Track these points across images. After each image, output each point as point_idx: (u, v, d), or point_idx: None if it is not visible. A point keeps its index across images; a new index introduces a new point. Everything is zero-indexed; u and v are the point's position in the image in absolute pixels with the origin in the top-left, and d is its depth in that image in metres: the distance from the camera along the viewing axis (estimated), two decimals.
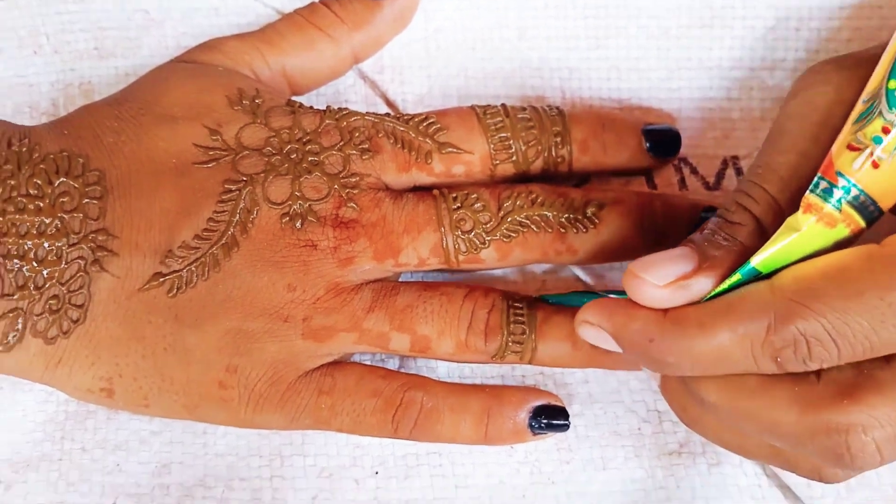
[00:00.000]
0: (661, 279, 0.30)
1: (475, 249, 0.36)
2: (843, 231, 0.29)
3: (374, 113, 0.37)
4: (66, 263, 0.33)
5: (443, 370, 0.38)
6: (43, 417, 0.37)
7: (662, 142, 0.38)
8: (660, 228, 0.37)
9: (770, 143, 0.32)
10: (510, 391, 0.37)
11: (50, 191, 0.34)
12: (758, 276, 0.29)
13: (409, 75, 0.41)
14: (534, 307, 0.36)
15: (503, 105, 0.38)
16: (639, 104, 0.40)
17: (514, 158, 0.37)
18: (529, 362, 0.36)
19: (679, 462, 0.37)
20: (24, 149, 0.34)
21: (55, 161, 0.34)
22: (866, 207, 0.29)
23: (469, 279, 0.39)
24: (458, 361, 0.37)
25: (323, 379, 0.35)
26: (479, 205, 0.36)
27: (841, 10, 0.40)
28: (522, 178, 0.38)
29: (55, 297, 0.33)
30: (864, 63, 0.31)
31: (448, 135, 0.36)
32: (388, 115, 0.37)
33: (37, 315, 0.33)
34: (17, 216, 0.33)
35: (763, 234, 0.30)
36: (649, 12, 0.40)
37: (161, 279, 0.34)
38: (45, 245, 0.33)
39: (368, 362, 0.38)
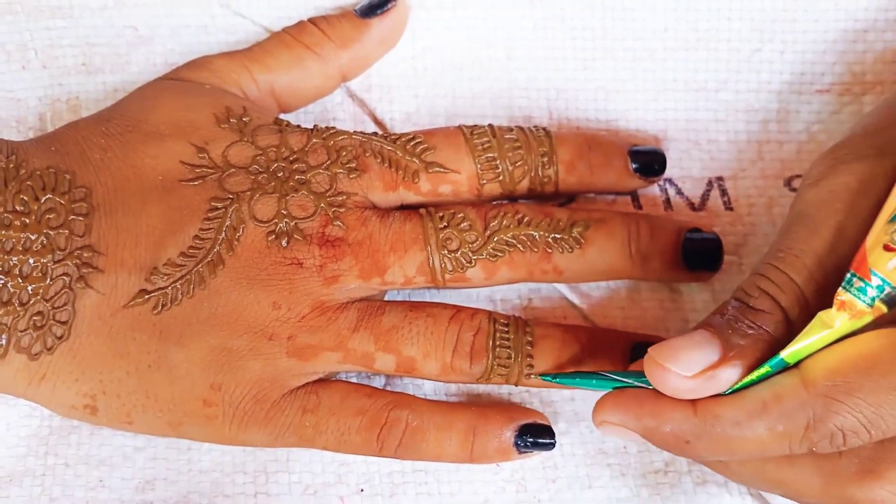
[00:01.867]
0: (688, 370, 0.30)
1: (461, 268, 0.36)
2: (867, 319, 0.29)
3: (361, 132, 0.37)
4: (50, 280, 0.33)
5: (429, 387, 0.38)
6: (26, 432, 0.37)
7: (648, 163, 0.39)
8: (645, 249, 0.37)
9: (792, 228, 0.31)
10: (496, 410, 0.37)
11: (36, 207, 0.33)
12: (785, 367, 0.30)
13: (397, 94, 0.41)
14: (520, 330, 0.36)
15: (490, 125, 0.38)
16: (625, 125, 0.41)
17: (500, 178, 0.37)
18: (515, 384, 0.36)
19: (665, 481, 0.37)
20: (11, 165, 0.34)
21: (42, 177, 0.34)
22: (891, 297, 0.29)
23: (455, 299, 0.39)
24: (443, 381, 0.37)
25: (307, 397, 0.35)
26: (465, 224, 0.36)
27: (826, 33, 0.40)
28: (509, 198, 0.38)
29: (39, 313, 0.33)
30: (885, 150, 0.31)
31: (435, 154, 0.37)
32: (375, 134, 0.37)
33: (21, 331, 0.33)
34: (3, 232, 0.33)
35: (788, 322, 0.30)
36: (636, 34, 0.40)
37: (146, 296, 0.34)
38: (31, 261, 0.33)
39: (354, 379, 0.37)
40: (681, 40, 0.40)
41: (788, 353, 0.29)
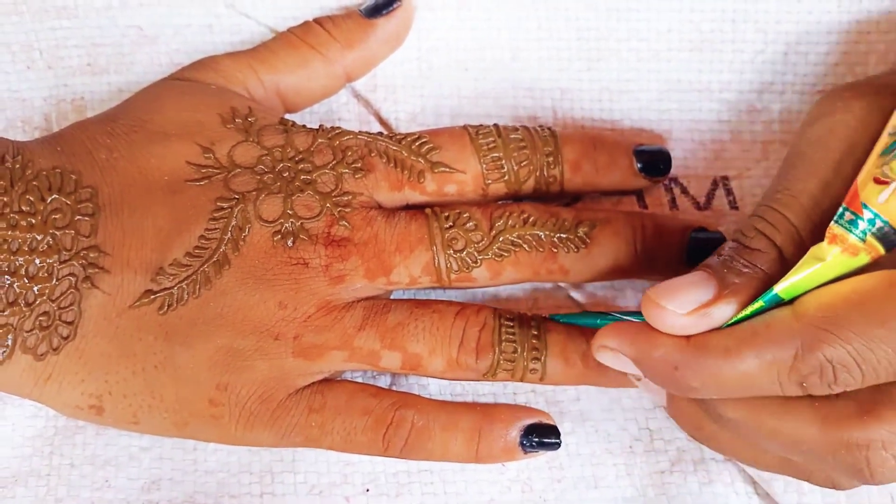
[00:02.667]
0: (683, 307, 0.30)
1: (467, 268, 0.36)
2: (864, 259, 0.29)
3: (366, 132, 0.37)
4: (56, 280, 0.33)
5: (434, 387, 0.38)
6: (32, 432, 0.37)
7: (653, 162, 0.39)
8: (650, 248, 0.37)
9: (789, 169, 0.32)
10: (501, 409, 0.37)
11: (42, 207, 0.33)
12: (779, 302, 0.30)
13: (402, 94, 0.41)
14: (525, 325, 0.36)
15: (495, 125, 0.38)
16: (630, 125, 0.41)
17: (506, 178, 0.37)
18: (521, 380, 0.36)
19: (671, 480, 0.37)
20: (18, 165, 0.34)
21: (48, 178, 0.34)
22: (889, 237, 0.29)
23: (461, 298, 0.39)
24: (449, 379, 0.37)
25: (313, 397, 0.35)
26: (471, 224, 0.36)
27: (829, 34, 0.40)
28: (514, 198, 0.38)
29: (45, 313, 0.33)
30: (883, 91, 0.31)
31: (441, 154, 0.37)
32: (380, 134, 0.37)
33: (27, 331, 0.33)
34: (9, 232, 0.33)
35: (783, 260, 0.30)
36: (640, 35, 0.40)
37: (152, 297, 0.34)
38: (37, 262, 0.33)
39: (360, 380, 0.38)
40: (685, 41, 0.40)
41: (782, 288, 0.29)
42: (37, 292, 0.33)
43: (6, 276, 0.33)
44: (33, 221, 0.33)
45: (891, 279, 0.28)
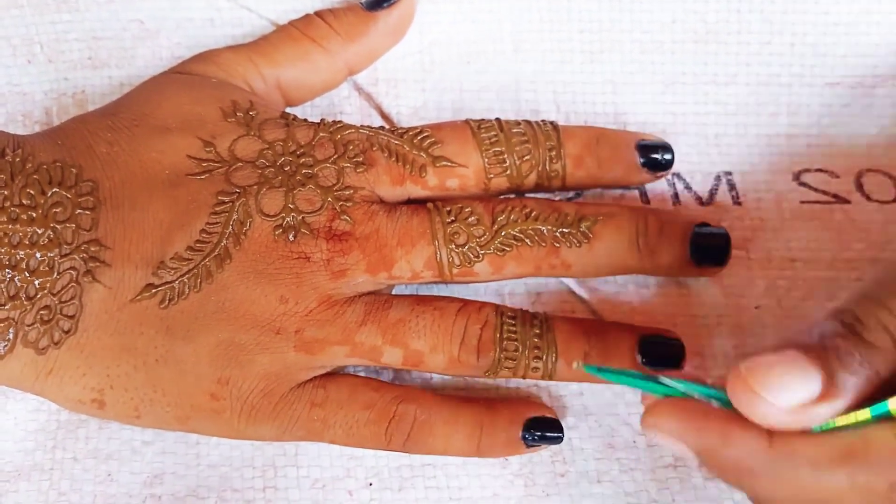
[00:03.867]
0: (785, 401, 0.26)
1: (469, 263, 0.36)
2: None
3: (368, 126, 0.37)
4: (57, 274, 0.33)
5: (437, 381, 0.38)
6: (34, 426, 0.37)
7: (656, 157, 0.38)
8: (653, 244, 0.37)
9: None
10: (503, 404, 0.37)
11: (43, 201, 0.33)
12: (886, 416, 0.26)
13: (404, 88, 0.41)
14: (527, 323, 0.36)
15: (497, 119, 0.38)
16: (633, 118, 0.40)
17: (508, 172, 0.37)
18: (523, 377, 0.36)
19: (674, 475, 0.37)
20: (18, 159, 0.34)
21: (48, 171, 0.34)
22: None
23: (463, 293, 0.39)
24: (450, 375, 0.37)
25: (315, 391, 0.35)
26: (473, 218, 0.36)
27: (836, 25, 0.40)
28: (516, 193, 0.38)
29: (47, 307, 0.33)
30: None
31: (442, 148, 0.36)
32: (382, 128, 0.37)
33: (28, 325, 0.33)
34: (10, 226, 0.33)
35: None
36: (643, 27, 0.40)
37: (153, 290, 0.34)
38: (38, 255, 0.33)
39: (362, 373, 0.38)
40: (689, 32, 0.40)
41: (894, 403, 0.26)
42: (38, 286, 0.33)
43: (7, 270, 0.33)
44: (34, 215, 0.33)
45: None
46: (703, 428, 0.28)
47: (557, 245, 0.36)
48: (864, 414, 0.26)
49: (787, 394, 0.26)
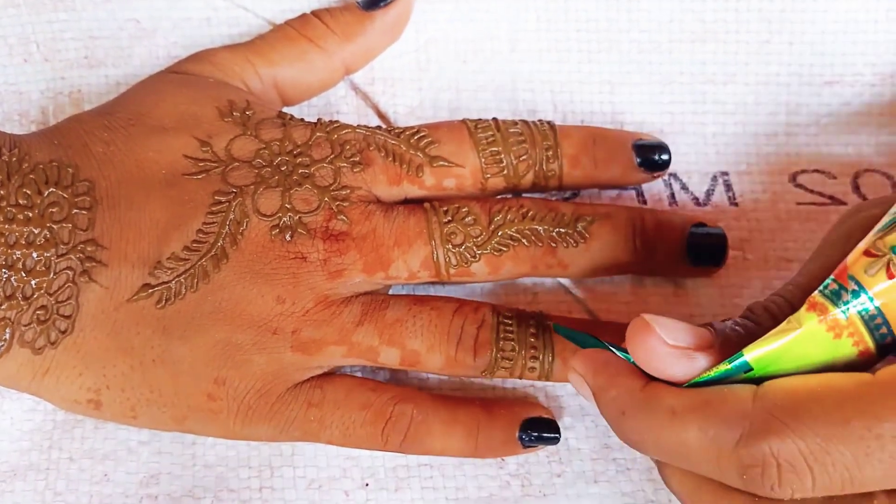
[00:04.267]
0: (672, 339, 0.28)
1: (466, 263, 0.36)
2: (847, 347, 0.27)
3: (365, 126, 0.37)
4: (54, 274, 0.33)
5: (434, 381, 0.38)
6: (30, 426, 0.37)
7: (653, 157, 0.38)
8: (649, 244, 0.37)
9: (805, 266, 0.30)
10: (500, 404, 0.37)
11: (39, 201, 0.33)
12: (748, 372, 0.27)
13: (401, 87, 0.41)
14: (524, 323, 0.36)
15: (494, 119, 0.38)
16: (630, 118, 0.40)
17: (504, 172, 0.37)
18: (520, 377, 0.36)
19: None
20: (14, 158, 0.34)
21: (45, 171, 0.34)
22: (876, 324, 0.27)
23: (460, 293, 0.39)
24: (447, 375, 0.37)
25: (312, 391, 0.35)
26: (469, 218, 0.36)
27: (835, 23, 0.40)
28: (513, 192, 0.38)
29: (43, 307, 0.33)
30: None
31: (439, 148, 0.36)
32: (379, 128, 0.37)
33: (24, 325, 0.33)
34: (6, 226, 0.33)
35: None
36: (641, 26, 0.40)
37: (150, 290, 0.34)
38: (34, 255, 0.33)
39: (359, 374, 0.37)
40: (687, 32, 0.40)
41: (752, 355, 0.27)
42: (34, 286, 0.33)
43: (3, 270, 0.33)
44: (30, 215, 0.33)
45: (861, 377, 0.26)
46: (599, 370, 0.30)
47: (554, 245, 0.36)
48: (724, 365, 0.27)
49: (676, 333, 0.28)
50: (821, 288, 0.27)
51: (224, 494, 0.37)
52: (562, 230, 0.36)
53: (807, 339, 0.27)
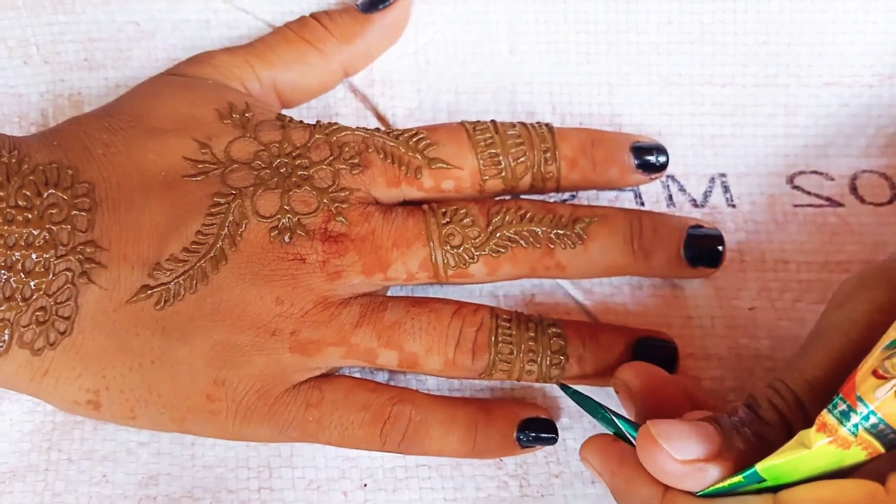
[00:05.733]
0: (681, 454, 0.29)
1: (464, 264, 0.36)
2: (858, 454, 0.28)
3: (363, 128, 0.37)
4: (53, 275, 0.33)
5: (432, 382, 0.38)
6: (30, 427, 0.37)
7: (651, 159, 0.38)
8: (647, 245, 0.37)
9: (809, 349, 0.31)
10: (498, 405, 0.37)
11: (38, 202, 0.33)
12: (761, 482, 0.28)
13: (400, 89, 0.41)
14: (522, 326, 0.36)
15: (493, 121, 0.38)
16: (629, 120, 0.40)
17: (503, 174, 0.37)
18: (518, 380, 0.36)
19: None
20: (14, 160, 0.34)
21: (44, 172, 0.34)
22: (886, 436, 0.27)
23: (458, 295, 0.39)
24: (445, 377, 0.37)
25: (311, 392, 0.35)
26: (468, 220, 0.36)
27: (833, 24, 0.40)
28: (511, 194, 0.38)
29: (42, 308, 0.33)
30: None
31: (438, 150, 0.36)
32: (378, 129, 0.37)
33: (23, 326, 0.33)
34: (5, 227, 0.33)
35: (790, 435, 0.29)
36: (639, 28, 0.40)
37: (149, 291, 0.34)
38: (33, 256, 0.33)
39: (358, 374, 0.38)
40: (685, 34, 0.40)
41: (763, 467, 0.28)
42: (33, 287, 0.33)
43: (3, 271, 0.33)
44: (30, 216, 0.33)
45: (872, 494, 0.27)
46: (617, 471, 0.31)
47: (552, 246, 0.36)
48: (737, 478, 0.28)
49: (684, 448, 0.29)
50: (829, 408, 0.27)
51: (223, 495, 0.37)
52: (560, 232, 0.36)
53: (816, 456, 0.27)
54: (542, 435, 0.36)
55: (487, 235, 0.36)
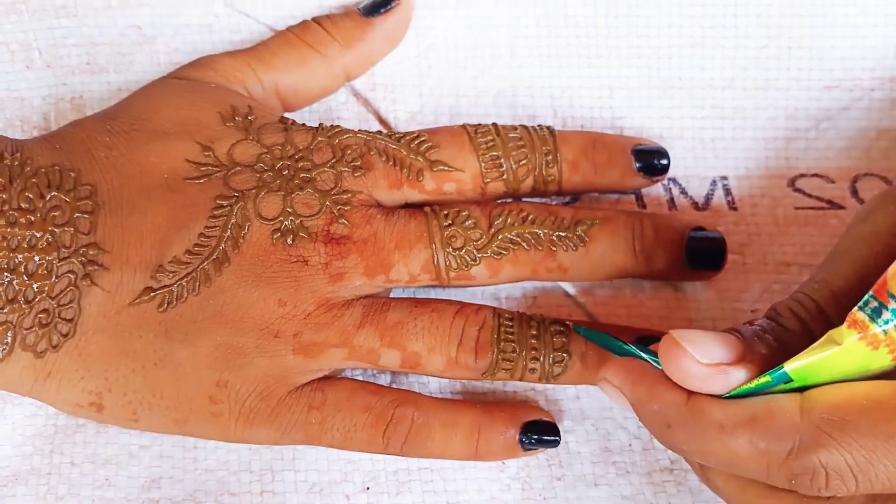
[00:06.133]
0: (705, 356, 0.29)
1: (466, 266, 0.36)
2: (883, 356, 0.27)
3: (365, 131, 0.37)
4: (56, 277, 0.33)
5: (434, 385, 0.38)
6: (32, 431, 0.37)
7: (652, 162, 0.38)
8: (648, 247, 0.37)
9: (832, 261, 0.31)
10: (500, 407, 0.37)
11: (41, 205, 0.34)
12: (788, 383, 0.28)
13: (401, 93, 0.41)
14: (524, 325, 0.36)
15: (494, 124, 0.38)
16: (630, 123, 0.41)
17: (504, 177, 0.37)
18: (520, 379, 0.36)
19: (670, 479, 0.37)
20: (16, 163, 0.34)
21: (47, 175, 0.34)
22: None
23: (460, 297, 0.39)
24: (448, 378, 0.37)
25: (313, 394, 0.35)
26: (469, 222, 0.36)
27: (833, 28, 0.40)
28: (513, 197, 0.38)
29: (45, 310, 0.33)
30: None
31: (439, 153, 0.37)
32: (379, 132, 0.37)
33: (26, 329, 0.33)
34: (8, 230, 0.33)
35: (812, 342, 0.29)
36: (640, 31, 0.40)
37: (151, 294, 0.34)
38: (36, 259, 0.33)
39: (360, 377, 0.38)
40: (686, 37, 0.40)
41: (793, 368, 0.28)
42: (36, 290, 0.33)
43: (5, 274, 0.33)
44: (32, 219, 0.33)
45: None
46: (637, 382, 0.30)
47: (554, 249, 0.36)
48: (765, 378, 0.28)
49: (708, 350, 0.29)
50: (860, 305, 0.27)
51: (225, 499, 0.37)
52: (561, 234, 0.36)
53: (846, 354, 0.27)
54: (545, 437, 0.36)
55: (489, 237, 0.36)
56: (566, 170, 0.37)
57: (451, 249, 0.36)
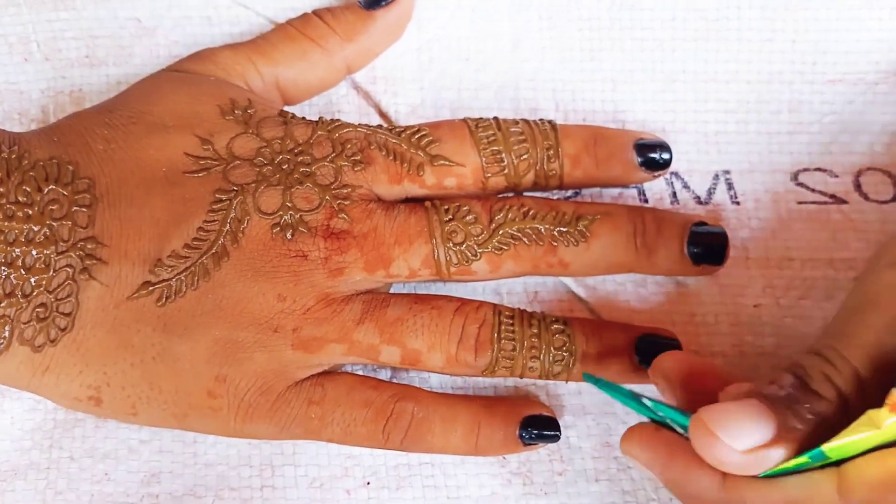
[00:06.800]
0: (740, 443, 0.28)
1: (467, 261, 0.36)
2: None
3: (366, 125, 0.37)
4: (54, 271, 0.33)
5: (435, 380, 0.38)
6: (31, 426, 0.37)
7: (654, 156, 0.38)
8: (650, 242, 0.37)
9: (860, 312, 0.30)
10: (501, 402, 0.37)
11: (39, 198, 0.33)
12: (824, 461, 0.28)
13: (402, 86, 0.41)
14: (525, 322, 0.36)
15: (495, 118, 0.37)
16: (633, 117, 0.40)
17: (505, 171, 0.37)
18: (520, 377, 0.36)
19: None
20: (14, 156, 0.34)
21: (45, 168, 0.34)
22: None
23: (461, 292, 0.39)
24: (448, 374, 0.37)
25: (313, 389, 0.35)
26: (470, 217, 0.36)
27: (838, 21, 0.40)
28: (514, 192, 0.38)
29: (43, 305, 0.33)
30: None
31: (440, 147, 0.36)
32: (380, 126, 0.37)
33: (24, 323, 0.33)
34: (6, 223, 0.33)
35: (846, 408, 0.28)
36: (643, 24, 0.40)
37: (150, 288, 0.34)
38: (34, 253, 0.33)
39: (360, 372, 0.37)
40: (690, 30, 0.40)
41: (830, 448, 0.27)
42: (34, 283, 0.33)
43: (3, 268, 0.33)
44: (30, 212, 0.33)
45: None
46: (668, 463, 0.30)
47: (555, 244, 0.36)
48: (803, 458, 0.28)
49: (742, 436, 0.28)
50: None
51: (225, 493, 0.37)
52: (563, 229, 0.36)
53: (885, 435, 0.27)
54: (545, 432, 0.36)
55: (490, 232, 0.36)
56: (568, 164, 0.37)
57: (451, 244, 0.35)
